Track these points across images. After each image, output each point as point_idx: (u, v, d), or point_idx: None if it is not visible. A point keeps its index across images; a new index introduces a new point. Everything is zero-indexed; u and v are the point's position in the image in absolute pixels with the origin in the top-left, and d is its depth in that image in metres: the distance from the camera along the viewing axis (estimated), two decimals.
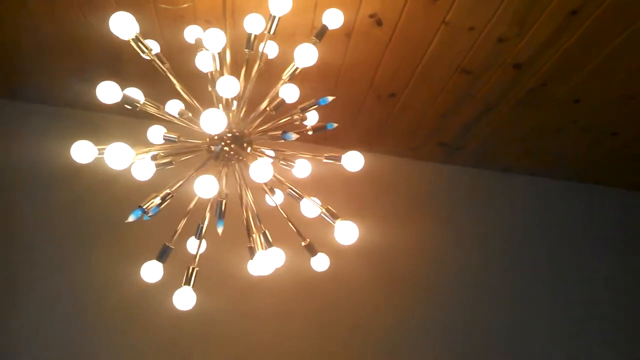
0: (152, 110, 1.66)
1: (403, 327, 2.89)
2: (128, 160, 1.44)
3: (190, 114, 1.76)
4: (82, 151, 1.52)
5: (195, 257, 1.66)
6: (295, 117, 1.73)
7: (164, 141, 1.76)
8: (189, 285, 1.61)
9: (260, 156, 1.73)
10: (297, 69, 1.62)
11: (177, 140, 1.72)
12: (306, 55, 1.55)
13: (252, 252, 1.77)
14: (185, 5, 2.11)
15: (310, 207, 1.62)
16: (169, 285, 1.70)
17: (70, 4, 2.16)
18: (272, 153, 1.78)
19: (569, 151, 3.12)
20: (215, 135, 1.63)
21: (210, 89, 1.71)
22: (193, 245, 1.80)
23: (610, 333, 3.13)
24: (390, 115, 2.84)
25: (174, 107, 1.87)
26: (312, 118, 1.91)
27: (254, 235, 1.63)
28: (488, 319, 3.02)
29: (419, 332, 2.91)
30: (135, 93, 1.68)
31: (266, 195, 1.84)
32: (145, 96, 1.68)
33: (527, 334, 3.03)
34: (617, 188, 3.51)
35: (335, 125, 1.79)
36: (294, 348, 2.71)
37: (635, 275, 3.29)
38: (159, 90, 2.53)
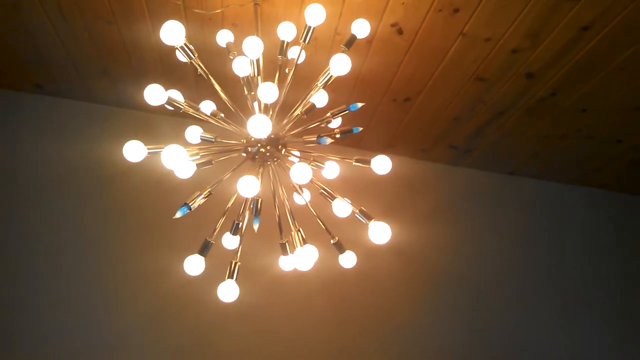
0: (190, 111, 1.75)
1: (421, 321, 3.00)
2: (182, 160, 1.53)
3: (222, 115, 1.86)
4: (133, 150, 1.61)
5: (237, 252, 1.75)
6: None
7: (200, 141, 1.86)
8: (232, 278, 1.71)
9: (292, 158, 1.84)
10: (331, 77, 1.71)
11: (214, 140, 1.82)
12: (341, 64, 1.64)
13: (283, 248, 1.88)
14: (218, 11, 2.21)
15: (343, 208, 1.72)
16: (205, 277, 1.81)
17: (117, 10, 2.26)
18: (297, 154, 1.88)
19: (574, 156, 3.25)
20: (253, 137, 1.73)
21: (246, 93, 1.80)
22: (228, 241, 1.89)
23: (616, 335, 3.24)
24: (404, 119, 2.95)
25: (207, 107, 1.96)
26: (335, 121, 2.00)
27: (292, 232, 1.72)
28: (496, 319, 3.11)
29: (431, 321, 3.02)
30: (177, 95, 1.79)
31: (294, 194, 1.95)
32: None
33: (532, 335, 3.13)
34: (620, 192, 3.64)
35: (361, 129, 1.88)
36: (315, 341, 2.81)
37: (634, 278, 3.40)
38: (192, 92, 2.68)
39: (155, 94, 1.61)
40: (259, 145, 1.75)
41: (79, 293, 2.63)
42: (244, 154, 1.80)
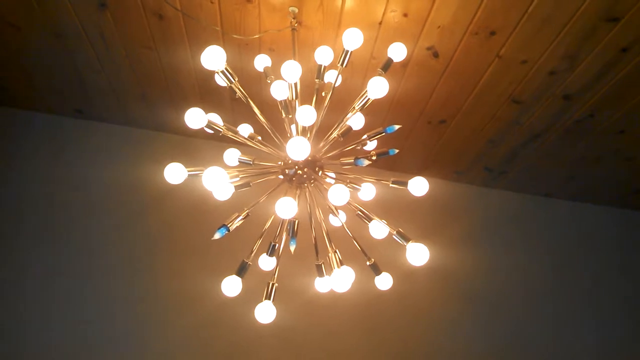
0: (229, 134, 1.78)
1: (456, 345, 2.97)
2: (223, 182, 1.56)
3: (259, 138, 1.88)
4: (174, 173, 1.64)
5: (274, 273, 1.76)
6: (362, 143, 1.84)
7: (238, 163, 1.89)
8: (270, 299, 1.71)
9: (328, 180, 1.85)
10: (368, 100, 1.73)
11: (252, 163, 1.85)
12: (379, 87, 1.65)
13: (319, 269, 1.88)
14: (256, 36, 2.25)
15: (380, 229, 1.72)
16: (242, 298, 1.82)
17: (157, 37, 2.32)
18: (334, 175, 1.89)
19: (611, 178, 3.19)
20: (290, 159, 1.75)
21: (283, 116, 1.82)
22: (264, 262, 1.90)
23: None
24: (439, 141, 2.94)
25: (244, 131, 1.99)
26: (371, 143, 2.01)
27: (329, 254, 1.72)
28: (532, 343, 3.06)
29: (467, 345, 2.98)
30: (216, 118, 1.82)
31: (330, 215, 1.96)
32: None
33: (566, 352, 3.07)
34: None
35: (397, 151, 1.89)
36: None
37: None
38: (228, 116, 2.72)
39: (195, 118, 1.65)
40: (296, 167, 1.77)
41: (114, 315, 2.66)
42: (281, 176, 1.82)
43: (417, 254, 1.60)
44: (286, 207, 1.55)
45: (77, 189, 2.87)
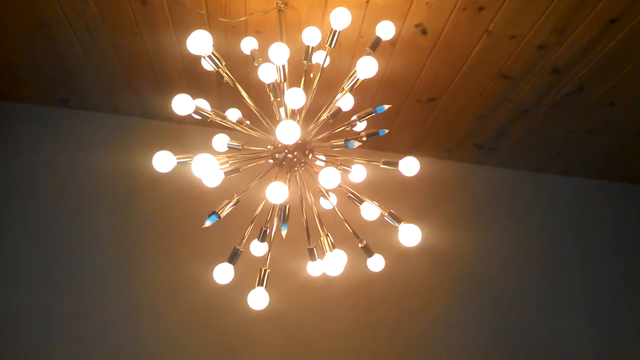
0: (217, 119, 1.76)
1: (450, 325, 2.98)
2: (212, 169, 1.54)
3: (248, 122, 1.86)
4: (163, 161, 1.62)
5: (266, 259, 1.75)
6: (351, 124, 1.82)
7: (227, 149, 1.86)
8: (262, 286, 1.71)
9: (318, 162, 1.84)
10: (357, 80, 1.70)
11: (241, 148, 1.82)
12: (368, 67, 1.63)
13: (312, 253, 1.88)
14: (242, 19, 2.21)
15: (371, 210, 1.71)
16: (235, 285, 1.82)
17: (141, 22, 2.28)
18: (324, 158, 1.88)
19: (601, 151, 3.20)
20: (280, 143, 1.73)
21: (272, 99, 1.80)
22: (256, 248, 1.89)
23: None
24: (429, 119, 2.93)
25: (233, 115, 1.97)
26: (361, 124, 1.99)
27: (321, 238, 1.71)
28: (526, 321, 3.08)
29: (461, 326, 2.99)
30: (204, 104, 1.79)
31: (321, 198, 1.94)
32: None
33: (562, 337, 3.08)
34: None
35: (387, 131, 1.87)
36: (344, 347, 2.79)
37: None
38: (215, 100, 2.69)
39: (183, 104, 1.62)
40: (286, 151, 1.75)
41: (107, 303, 2.66)
42: (271, 161, 1.80)
43: (410, 235, 1.59)
44: (277, 192, 1.54)
45: (64, 179, 2.84)
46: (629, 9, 2.07)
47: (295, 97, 1.57)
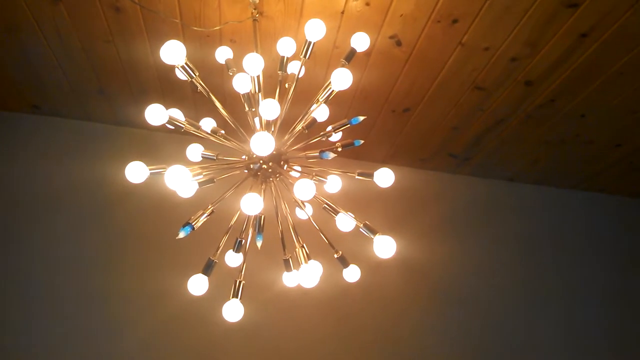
0: (191, 129, 1.74)
1: (426, 335, 2.98)
2: (185, 181, 1.52)
3: (223, 132, 1.85)
4: (135, 172, 1.60)
5: (241, 270, 1.74)
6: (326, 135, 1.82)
7: (202, 159, 1.85)
8: (237, 297, 1.69)
9: (293, 173, 1.83)
10: (332, 92, 1.70)
11: (215, 158, 1.81)
12: (343, 79, 1.63)
13: (287, 264, 1.87)
14: (216, 28, 2.20)
15: (346, 222, 1.71)
16: (210, 296, 1.80)
17: (114, 30, 2.25)
18: (299, 169, 1.87)
19: (574, 161, 3.25)
20: (255, 154, 1.72)
21: (247, 109, 1.79)
22: (231, 259, 1.87)
23: (614, 337, 3.22)
24: (403, 129, 2.94)
25: (207, 124, 1.95)
26: (336, 134, 1.98)
27: (296, 249, 1.70)
28: (501, 331, 3.09)
29: (436, 337, 2.99)
30: (177, 114, 1.78)
31: (297, 209, 1.93)
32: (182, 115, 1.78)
33: (536, 339, 3.11)
34: (620, 196, 3.65)
35: (362, 142, 1.87)
36: (319, 357, 2.79)
37: (637, 281, 3.40)
38: (190, 110, 2.67)
39: (156, 114, 1.60)
40: (261, 161, 1.74)
41: (80, 314, 2.61)
42: (246, 171, 1.79)
43: (385, 247, 1.60)
44: (252, 203, 1.53)
45: (36, 187, 2.79)
46: (599, 24, 2.11)
47: (270, 109, 1.57)
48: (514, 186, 3.51)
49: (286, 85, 1.86)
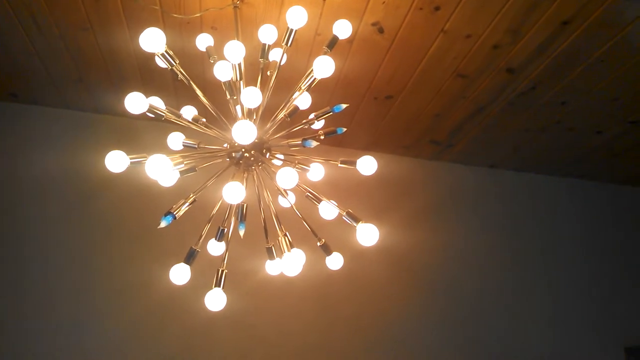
0: (172, 117, 1.72)
1: (410, 322, 3.02)
2: (166, 170, 1.51)
3: (204, 120, 1.83)
4: (116, 161, 1.58)
5: (224, 259, 1.73)
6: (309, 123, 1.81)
7: (183, 147, 1.83)
8: (220, 286, 1.68)
9: (276, 161, 1.82)
10: (314, 79, 1.69)
11: (197, 146, 1.80)
12: (325, 67, 1.62)
13: (270, 252, 1.86)
14: (197, 15, 2.17)
15: (329, 210, 1.71)
16: (192, 285, 1.79)
17: (93, 17, 2.21)
18: (282, 157, 1.86)
19: (554, 148, 3.28)
20: (237, 142, 1.71)
21: (228, 97, 1.78)
22: (213, 247, 1.87)
23: (602, 321, 3.30)
24: (386, 116, 2.94)
25: (188, 112, 1.93)
26: (318, 122, 1.98)
27: (279, 237, 1.70)
28: (486, 317, 3.14)
29: (420, 324, 3.03)
30: (158, 102, 1.76)
31: (279, 197, 1.93)
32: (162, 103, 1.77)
33: (520, 325, 3.17)
34: (600, 182, 3.71)
35: (345, 129, 1.87)
36: (303, 344, 2.81)
37: (618, 264, 3.45)
38: (171, 98, 2.63)
39: (136, 103, 1.58)
40: (243, 150, 1.73)
41: (63, 305, 2.60)
42: (228, 159, 1.78)
43: (367, 235, 1.60)
44: (234, 192, 1.52)
45: (14, 176, 2.75)
46: (580, 12, 2.11)
47: (252, 96, 1.55)
48: (496, 173, 3.54)
49: (268, 73, 1.85)
